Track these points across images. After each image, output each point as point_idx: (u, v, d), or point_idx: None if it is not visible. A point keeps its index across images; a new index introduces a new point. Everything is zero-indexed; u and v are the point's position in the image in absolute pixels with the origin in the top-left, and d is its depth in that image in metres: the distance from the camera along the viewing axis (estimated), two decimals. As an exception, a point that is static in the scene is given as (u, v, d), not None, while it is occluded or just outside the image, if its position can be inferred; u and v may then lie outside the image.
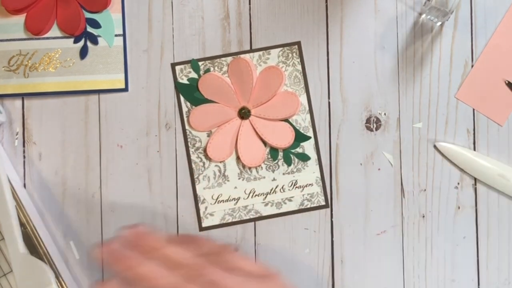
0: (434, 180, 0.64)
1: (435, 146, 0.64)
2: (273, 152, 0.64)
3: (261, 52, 0.64)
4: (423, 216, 0.63)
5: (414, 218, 0.64)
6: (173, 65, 0.64)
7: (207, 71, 0.64)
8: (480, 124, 0.64)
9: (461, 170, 0.63)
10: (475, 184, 0.64)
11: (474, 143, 0.64)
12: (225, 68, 0.64)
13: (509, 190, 0.63)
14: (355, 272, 0.64)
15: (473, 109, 0.64)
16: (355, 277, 0.64)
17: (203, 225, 0.63)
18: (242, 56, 0.64)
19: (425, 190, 0.64)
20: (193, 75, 0.64)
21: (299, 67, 0.64)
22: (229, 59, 0.64)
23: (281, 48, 0.64)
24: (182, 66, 0.64)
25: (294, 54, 0.64)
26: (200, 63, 0.64)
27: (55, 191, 0.64)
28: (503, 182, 0.63)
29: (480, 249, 0.63)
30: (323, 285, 0.64)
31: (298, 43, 0.64)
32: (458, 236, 0.63)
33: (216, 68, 0.64)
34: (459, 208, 0.63)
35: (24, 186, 0.63)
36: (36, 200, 0.64)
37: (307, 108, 0.64)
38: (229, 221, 0.63)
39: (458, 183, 0.64)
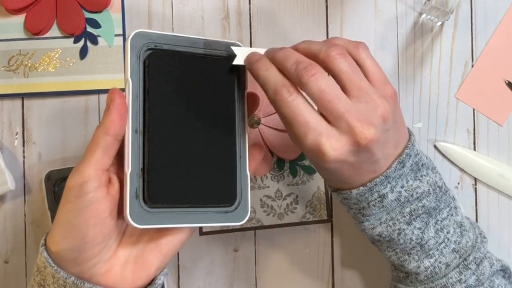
0: (434, 180, 0.64)
1: (435, 146, 0.64)
2: (280, 162, 0.63)
3: None
4: (423, 216, 0.63)
5: (414, 218, 0.63)
6: None
7: None
8: (480, 124, 0.64)
9: (461, 170, 0.63)
10: (475, 184, 0.64)
11: (474, 143, 0.64)
12: None
13: (509, 190, 0.63)
14: (355, 272, 0.64)
15: (473, 109, 0.64)
16: (355, 277, 0.64)
17: (204, 229, 0.63)
18: None
19: (425, 190, 0.63)
20: None
21: None
22: None
23: None
24: None
25: None
26: None
27: (55, 191, 0.64)
28: (503, 182, 0.63)
29: (480, 249, 0.63)
30: (323, 285, 0.64)
31: None
32: (458, 236, 0.63)
33: None
34: (459, 208, 0.64)
35: (24, 186, 0.63)
36: (36, 200, 0.64)
37: None
38: (230, 228, 0.63)
39: (458, 183, 0.64)
